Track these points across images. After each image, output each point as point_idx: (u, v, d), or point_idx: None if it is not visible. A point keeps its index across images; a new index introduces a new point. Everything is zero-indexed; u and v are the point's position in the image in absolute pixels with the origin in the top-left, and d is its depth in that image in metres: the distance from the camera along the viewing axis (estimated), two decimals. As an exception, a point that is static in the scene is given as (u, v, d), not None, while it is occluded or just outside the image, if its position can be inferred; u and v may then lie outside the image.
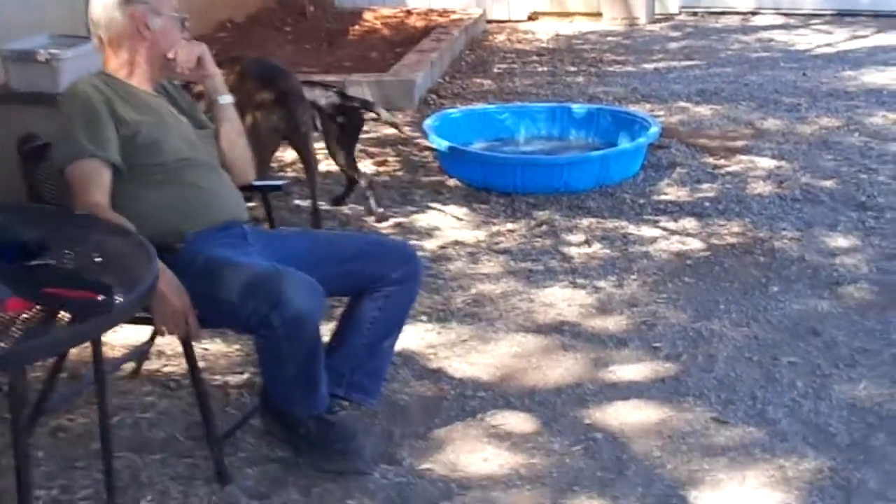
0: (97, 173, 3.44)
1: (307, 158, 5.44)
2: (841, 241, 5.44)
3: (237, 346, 4.42)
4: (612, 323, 4.68)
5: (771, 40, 10.31)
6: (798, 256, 5.27)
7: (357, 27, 10.49)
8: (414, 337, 4.56)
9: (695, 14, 11.50)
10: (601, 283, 5.06)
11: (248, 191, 3.96)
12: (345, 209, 6.00)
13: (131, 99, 3.60)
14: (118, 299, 2.58)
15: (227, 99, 3.82)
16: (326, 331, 3.74)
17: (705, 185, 6.29)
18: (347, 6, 11.45)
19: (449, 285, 5.06)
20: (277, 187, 4.00)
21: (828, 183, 6.28)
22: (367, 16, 10.89)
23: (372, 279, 3.69)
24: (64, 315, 2.57)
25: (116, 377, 4.18)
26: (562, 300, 4.90)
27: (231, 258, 3.37)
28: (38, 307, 2.56)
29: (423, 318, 4.72)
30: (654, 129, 6.49)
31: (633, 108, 7.79)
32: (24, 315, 2.55)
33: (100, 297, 2.55)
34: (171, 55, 3.68)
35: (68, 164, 3.45)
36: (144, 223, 3.42)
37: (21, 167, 3.59)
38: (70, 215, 3.28)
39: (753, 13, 11.47)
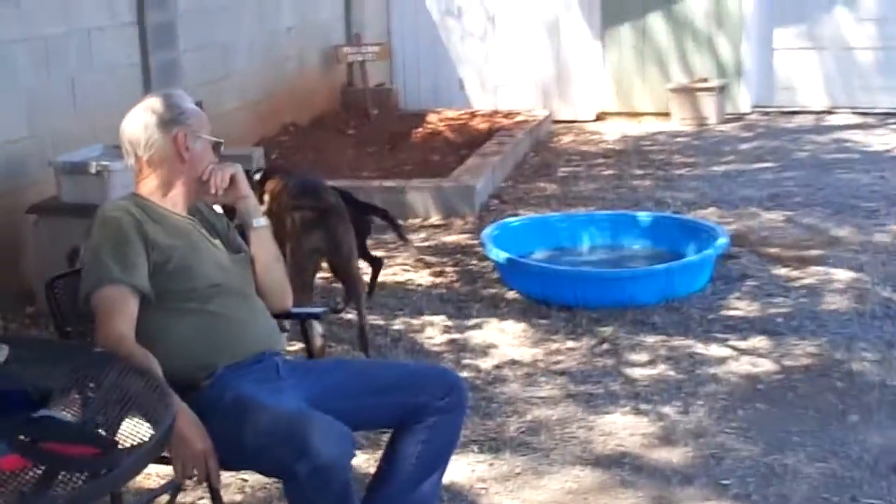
0: (123, 301, 3.23)
1: (350, 280, 5.21)
2: (926, 365, 5.10)
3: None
4: (677, 455, 4.36)
5: (847, 141, 9.99)
6: (879, 381, 4.92)
7: (420, 129, 10.36)
8: (464, 469, 4.28)
9: (767, 114, 11.23)
10: (665, 410, 4.75)
11: (287, 318, 3.74)
12: (396, 325, 5.77)
13: (165, 223, 3.41)
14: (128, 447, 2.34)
15: (261, 222, 3.62)
16: (374, 460, 3.48)
17: (778, 300, 5.97)
18: (412, 108, 11.36)
19: (503, 410, 4.78)
20: (315, 315, 3.76)
21: (910, 298, 5.95)
22: (431, 118, 10.76)
23: (413, 410, 3.42)
24: (66, 476, 2.33)
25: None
26: (623, 428, 4.60)
27: (259, 398, 3.13)
28: (35, 466, 2.33)
29: (475, 447, 4.44)
30: (723, 241, 6.20)
31: (701, 215, 7.52)
32: (22, 474, 2.32)
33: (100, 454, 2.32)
34: (204, 177, 3.50)
35: (94, 290, 3.24)
36: (173, 356, 3.22)
37: (47, 293, 3.39)
38: (88, 353, 3.07)
39: (828, 112, 11.17)
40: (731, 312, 5.82)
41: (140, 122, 3.46)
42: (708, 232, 6.46)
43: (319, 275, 5.66)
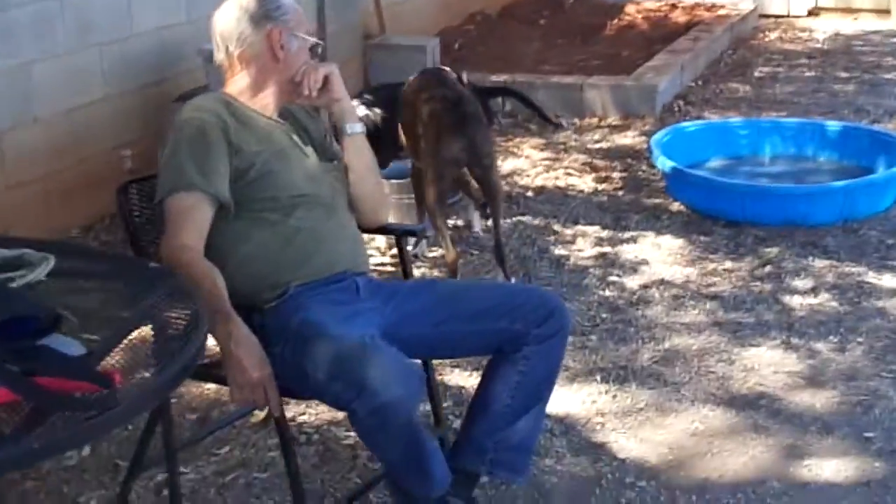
0: (197, 209, 3.02)
1: (491, 191, 4.86)
2: None
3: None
4: (822, 400, 3.93)
5: None
6: None
7: (616, 21, 9.82)
8: (584, 399, 3.97)
9: None
10: (819, 346, 4.30)
11: (382, 233, 3.47)
12: (547, 234, 5.44)
13: (252, 125, 3.17)
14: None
15: (356, 128, 3.33)
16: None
17: (972, 226, 5.37)
18: (610, -1, 10.80)
19: (640, 335, 4.42)
20: (412, 232, 3.47)
21: None
22: (629, 9, 10.19)
23: (508, 338, 3.13)
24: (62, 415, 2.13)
25: (244, 425, 3.79)
26: (767, 364, 4.18)
27: (325, 325, 2.87)
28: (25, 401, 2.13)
29: (599, 376, 4.11)
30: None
31: (902, 126, 6.88)
32: (17, 410, 2.14)
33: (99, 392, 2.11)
34: (297, 78, 3.23)
35: (168, 195, 3.04)
36: (244, 271, 3.03)
37: (119, 197, 3.20)
38: (142, 269, 2.86)
39: None
40: (916, 238, 5.27)
41: (233, 15, 3.21)
42: (902, 147, 5.85)
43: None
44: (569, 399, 3.97)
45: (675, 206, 5.74)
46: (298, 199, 3.12)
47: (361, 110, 5.31)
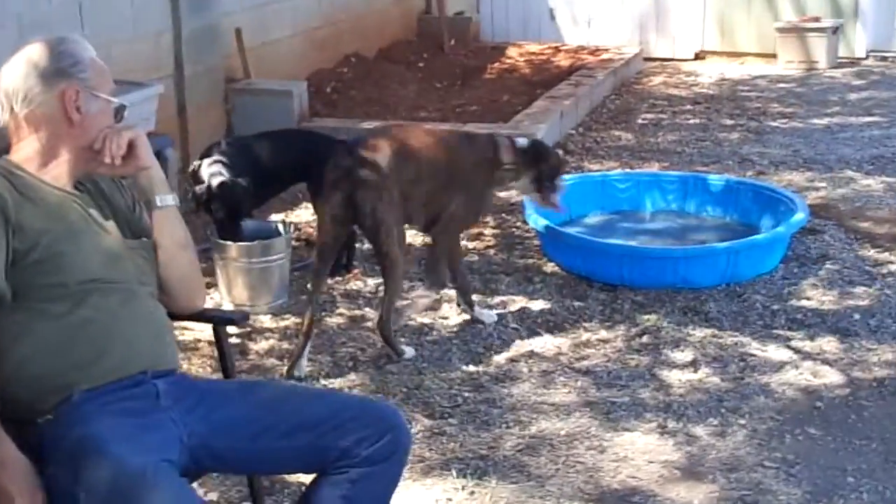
0: None
1: (381, 262, 4.51)
2: None
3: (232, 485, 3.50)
4: (700, 495, 3.55)
5: (973, 95, 8.87)
6: (965, 406, 4.05)
7: (497, 65, 9.50)
8: (439, 497, 3.55)
9: (884, 59, 10.08)
10: (698, 430, 3.93)
11: (197, 320, 3.02)
12: (408, 299, 5.03)
13: (38, 199, 2.69)
14: None
15: (167, 200, 2.88)
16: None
17: (859, 290, 5.06)
18: (497, 40, 10.49)
19: (504, 418, 4.01)
20: (230, 320, 3.01)
21: None
22: (511, 52, 9.89)
23: (334, 457, 2.69)
24: None
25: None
26: (641, 452, 3.79)
27: (106, 444, 2.41)
28: None
29: (456, 468, 3.69)
30: (800, 217, 5.29)
31: (788, 178, 6.62)
32: None
33: None
34: (97, 145, 2.77)
35: None
36: (22, 374, 2.58)
37: None
38: None
39: (956, 60, 10.02)
40: (801, 303, 4.94)
41: (19, 70, 2.75)
42: (786, 203, 5.54)
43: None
44: (421, 497, 3.54)
45: (550, 266, 5.37)
46: (91, 284, 2.66)
47: (216, 178, 4.85)
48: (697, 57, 10.42)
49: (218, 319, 2.97)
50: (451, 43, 9.86)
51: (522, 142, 4.85)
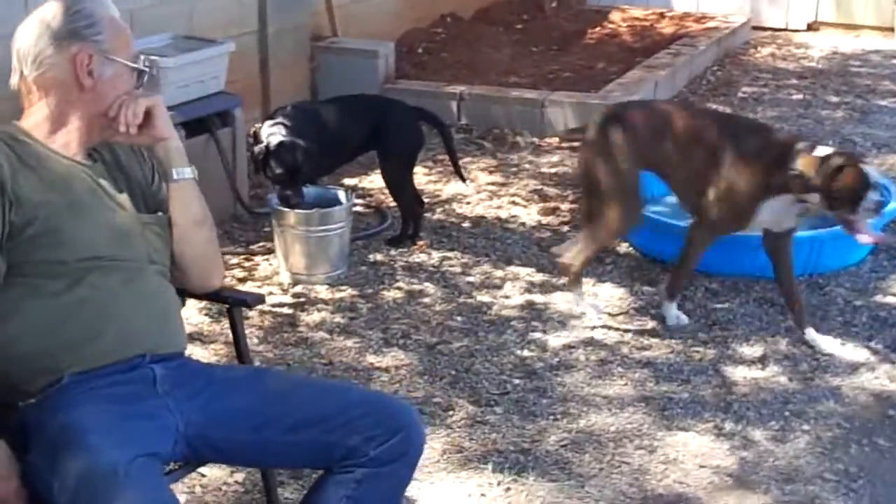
0: None
1: None
2: None
3: (239, 477, 3.38)
4: (750, 507, 3.33)
5: None
6: None
7: (598, 30, 9.18)
8: (472, 492, 3.38)
9: None
10: (757, 434, 3.69)
11: (212, 300, 2.88)
12: (473, 275, 4.85)
13: (43, 169, 2.58)
14: None
15: (185, 173, 2.73)
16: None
17: (952, 288, 4.75)
18: (596, 3, 10.17)
19: (552, 410, 3.82)
20: (245, 302, 2.86)
21: None
22: (615, 16, 9.56)
23: (340, 455, 2.55)
24: None
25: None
26: (693, 455, 3.58)
27: (85, 434, 2.29)
28: None
29: (494, 460, 3.51)
30: (893, 206, 4.96)
31: (891, 162, 6.25)
32: None
33: None
34: (111, 112, 2.64)
35: None
36: (11, 353, 2.46)
37: None
38: None
39: None
40: (887, 299, 4.66)
41: (32, 31, 2.64)
42: (881, 190, 5.20)
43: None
44: (453, 490, 3.38)
45: (624, 246, 5.14)
46: (92, 262, 2.54)
47: (276, 137, 4.72)
48: (810, 28, 9.97)
49: (232, 300, 2.83)
50: (553, 5, 9.57)
51: (824, 150, 4.09)
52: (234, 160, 5.26)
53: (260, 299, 2.94)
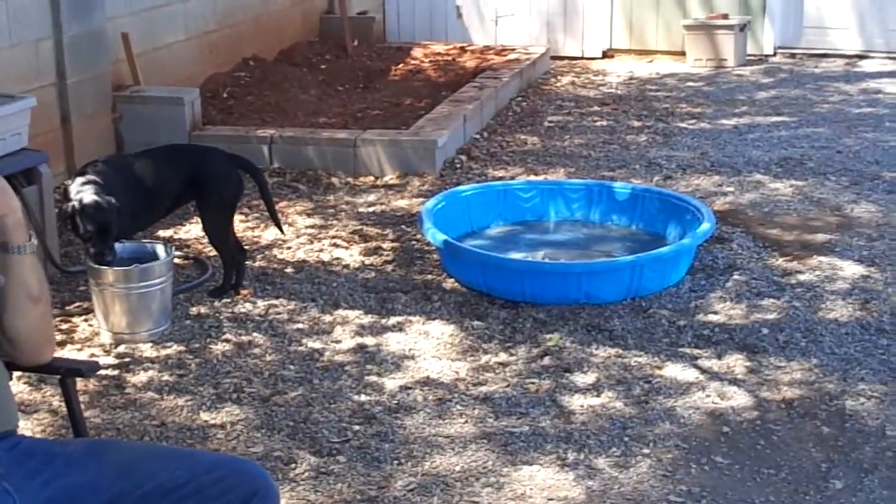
0: None
1: None
2: (939, 410, 4.02)
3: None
4: (601, 537, 3.35)
5: (878, 92, 8.78)
6: (876, 428, 3.88)
7: (401, 66, 9.25)
8: (322, 547, 3.29)
9: (792, 56, 10.03)
10: (600, 462, 3.72)
11: (44, 372, 2.73)
12: (300, 322, 4.76)
13: None
14: None
15: (24, 248, 2.54)
16: None
17: (767, 302, 4.89)
18: (397, 40, 10.25)
19: (396, 454, 3.76)
20: (79, 371, 2.72)
21: (928, 305, 4.85)
22: (416, 52, 9.64)
23: (191, 525, 2.44)
24: None
25: None
26: (540, 490, 3.57)
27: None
28: None
29: (343, 514, 3.45)
30: (706, 227, 5.11)
31: (695, 183, 6.46)
32: None
33: None
34: None
35: None
36: None
37: None
38: None
39: (861, 56, 9.96)
40: (708, 317, 4.76)
41: None
42: (693, 212, 5.37)
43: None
44: (300, 549, 3.30)
45: (450, 282, 5.14)
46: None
47: (87, 195, 4.54)
48: (606, 55, 10.27)
49: (66, 370, 2.69)
50: (355, 44, 9.59)
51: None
52: (42, 218, 5.05)
53: (95, 367, 2.81)
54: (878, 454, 3.72)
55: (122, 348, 4.52)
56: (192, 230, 5.77)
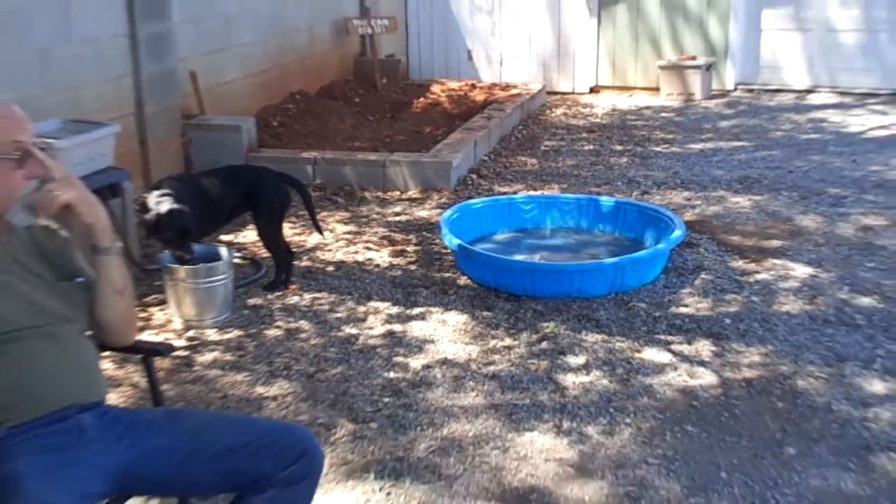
0: None
1: None
2: (877, 386, 3.99)
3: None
4: (591, 492, 3.33)
5: (823, 121, 8.76)
6: (823, 404, 3.86)
7: (422, 99, 9.25)
8: (358, 499, 3.29)
9: (750, 91, 10.02)
10: (589, 430, 3.71)
11: (128, 352, 2.74)
12: (339, 311, 4.77)
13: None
14: None
15: (108, 250, 2.57)
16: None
17: (729, 297, 4.88)
18: (418, 78, 10.27)
19: (419, 421, 3.77)
20: (158, 352, 2.74)
21: (866, 300, 4.81)
22: (435, 88, 9.66)
23: (253, 479, 2.45)
24: None
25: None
26: (539, 451, 3.57)
27: (26, 480, 2.15)
28: None
29: (374, 470, 3.44)
30: (678, 234, 5.11)
31: (669, 198, 6.44)
32: None
33: None
34: (32, 201, 2.47)
35: None
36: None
37: None
38: None
39: (809, 91, 9.94)
40: (680, 310, 4.75)
41: None
42: (666, 221, 5.36)
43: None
44: (343, 499, 3.30)
45: (463, 280, 5.14)
46: (11, 335, 2.37)
47: (165, 205, 4.56)
48: (593, 91, 10.28)
49: (147, 350, 2.70)
50: (383, 81, 9.60)
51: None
52: (125, 225, 5.07)
53: (171, 348, 2.81)
54: (825, 426, 3.71)
55: (191, 333, 4.53)
56: (249, 235, 5.79)
